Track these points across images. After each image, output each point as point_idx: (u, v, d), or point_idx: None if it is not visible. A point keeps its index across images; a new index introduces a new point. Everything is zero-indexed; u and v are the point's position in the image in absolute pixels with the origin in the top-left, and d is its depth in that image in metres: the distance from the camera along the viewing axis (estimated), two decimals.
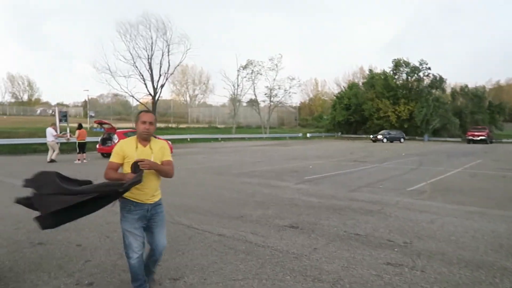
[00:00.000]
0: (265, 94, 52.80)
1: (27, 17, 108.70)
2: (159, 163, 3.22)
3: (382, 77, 52.97)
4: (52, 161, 16.00)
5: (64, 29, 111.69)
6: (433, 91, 49.88)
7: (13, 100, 78.07)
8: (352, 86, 58.81)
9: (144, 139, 3.21)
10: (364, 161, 17.17)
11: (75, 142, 17.13)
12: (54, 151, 16.37)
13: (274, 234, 5.45)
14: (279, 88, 52.08)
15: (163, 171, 3.21)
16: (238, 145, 31.20)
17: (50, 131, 16.47)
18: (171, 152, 15.27)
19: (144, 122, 3.17)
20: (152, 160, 3.13)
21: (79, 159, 16.49)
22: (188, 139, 35.47)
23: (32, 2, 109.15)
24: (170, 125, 48.91)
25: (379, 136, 41.49)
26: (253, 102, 55.04)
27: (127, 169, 3.12)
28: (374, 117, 51.86)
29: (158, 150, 3.25)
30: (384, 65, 70.74)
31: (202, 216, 6.48)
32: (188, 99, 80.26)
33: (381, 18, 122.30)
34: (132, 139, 3.24)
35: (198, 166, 14.89)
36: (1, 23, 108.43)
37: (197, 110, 73.59)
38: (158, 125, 40.13)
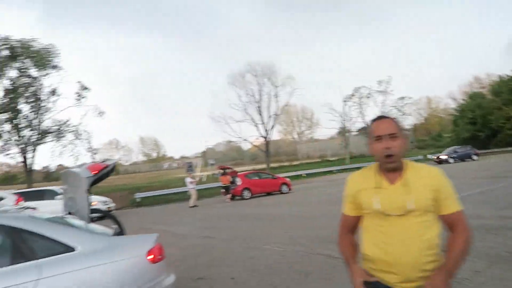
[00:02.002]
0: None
1: (148, 86, 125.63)
2: (431, 215, 1.75)
3: (511, 82, 46.85)
4: (194, 206, 17.74)
5: (179, 90, 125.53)
6: None
7: (145, 159, 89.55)
8: (474, 96, 53.20)
9: (389, 169, 1.78)
10: (505, 176, 15.12)
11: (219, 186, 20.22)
12: (193, 197, 18.24)
13: None
14: (390, 111, 49.75)
15: (460, 261, 1.76)
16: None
17: (188, 180, 18.55)
18: (290, 188, 15.68)
19: (378, 139, 1.77)
20: (410, 205, 1.71)
21: (228, 199, 19.16)
22: (303, 175, 35.74)
23: (148, 73, 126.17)
24: (282, 164, 50.09)
25: (443, 157, 34.40)
26: (364, 130, 53.46)
27: (369, 223, 1.85)
28: (506, 128, 45.65)
29: (421, 187, 1.73)
30: (505, 69, 62.82)
31: None
32: (296, 136, 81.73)
33: (492, 22, 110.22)
34: (370, 170, 1.89)
35: (320, 199, 14.87)
36: (128, 96, 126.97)
37: (306, 145, 74.23)
38: (273, 164, 41.48)
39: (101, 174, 3.90)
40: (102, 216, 3.81)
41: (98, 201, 16.99)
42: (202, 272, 5.72)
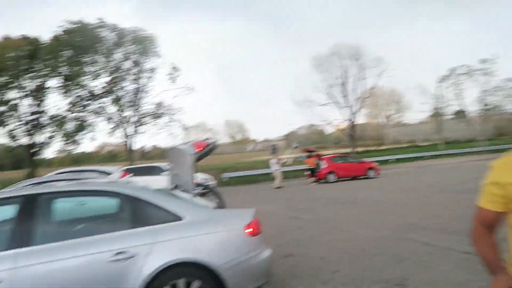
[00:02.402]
0: (479, 101, 45.97)
1: (234, 71, 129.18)
2: None
3: None
4: (278, 187, 18.16)
5: (263, 73, 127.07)
6: None
7: (229, 141, 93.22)
8: None
9: None
10: None
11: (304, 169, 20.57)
12: (278, 178, 18.62)
13: None
14: (495, 93, 44.70)
15: None
16: (448, 162, 28.11)
17: (273, 162, 18.97)
18: (378, 173, 15.14)
19: None
20: None
21: (312, 181, 19.31)
22: (390, 160, 34.14)
23: (233, 57, 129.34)
24: (368, 148, 48.37)
25: None
26: (460, 114, 48.99)
27: None
28: None
29: None
30: None
31: (438, 234, 6.09)
32: (383, 120, 77.99)
33: None
34: None
35: (409, 185, 14.15)
36: (215, 80, 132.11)
37: (393, 130, 70.53)
38: (358, 149, 40.28)
39: (205, 152, 4.20)
40: (206, 191, 4.13)
41: (199, 178, 17.75)
42: (292, 250, 5.89)
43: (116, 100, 29.26)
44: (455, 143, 51.38)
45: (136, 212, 3.32)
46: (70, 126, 26.62)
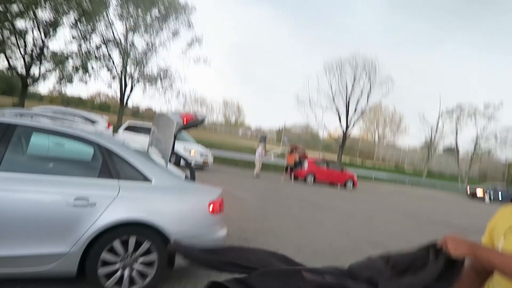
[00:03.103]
0: (472, 142, 46.52)
1: (245, 53, 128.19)
2: None
3: None
4: (257, 176, 18.32)
5: (274, 66, 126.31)
6: None
7: (223, 121, 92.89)
8: None
9: None
10: None
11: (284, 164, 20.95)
12: (257, 167, 18.80)
13: None
14: (490, 138, 45.24)
15: (494, 263, 1.27)
16: (428, 194, 28.57)
17: (258, 151, 19.06)
18: (354, 185, 15.42)
19: None
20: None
21: (287, 178, 19.61)
22: (372, 177, 34.59)
23: (245, 44, 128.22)
24: (355, 161, 48.80)
25: (479, 192, 29.13)
26: (452, 151, 49.55)
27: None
28: None
29: None
30: None
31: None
32: (376, 137, 78.54)
33: None
34: None
35: (382, 204, 14.45)
36: (220, 57, 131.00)
37: (383, 149, 71.14)
38: (343, 158, 40.60)
39: (190, 125, 4.29)
40: (183, 163, 4.23)
41: (197, 151, 16.42)
42: (249, 236, 6.06)
43: (124, 53, 28.83)
44: (438, 176, 52.21)
45: (108, 164, 3.38)
46: (70, 64, 26.06)
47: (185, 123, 4.29)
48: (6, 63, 23.56)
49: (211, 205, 3.66)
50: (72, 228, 3.02)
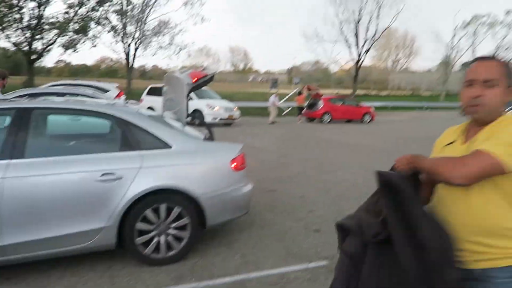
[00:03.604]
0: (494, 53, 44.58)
1: None
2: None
3: None
4: (272, 123, 18.33)
5: (277, 2, 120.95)
6: None
7: (231, 69, 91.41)
8: None
9: (477, 123, 1.47)
10: None
11: (296, 107, 20.76)
12: (272, 114, 18.75)
13: None
14: (510, 49, 43.14)
15: (435, 172, 1.39)
16: (446, 115, 28.14)
17: (272, 98, 18.91)
18: (372, 118, 15.15)
19: (469, 84, 1.44)
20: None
21: (299, 120, 19.60)
22: (389, 107, 34.08)
23: None
24: (370, 92, 47.83)
25: None
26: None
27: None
28: None
29: (484, 140, 1.36)
30: None
31: None
32: (389, 64, 76.25)
33: None
34: (461, 126, 1.58)
35: (400, 135, 14.37)
36: (224, 5, 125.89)
37: (399, 76, 69.33)
38: (357, 91, 39.88)
39: (201, 82, 4.23)
40: (199, 122, 4.24)
41: (221, 107, 16.10)
42: (274, 186, 6.19)
43: (121, 12, 28.01)
44: (457, 96, 50.73)
45: (127, 136, 3.42)
46: (71, 28, 25.47)
47: (196, 81, 4.23)
48: (8, 43, 23.36)
49: (234, 163, 3.71)
50: (105, 203, 3.14)
